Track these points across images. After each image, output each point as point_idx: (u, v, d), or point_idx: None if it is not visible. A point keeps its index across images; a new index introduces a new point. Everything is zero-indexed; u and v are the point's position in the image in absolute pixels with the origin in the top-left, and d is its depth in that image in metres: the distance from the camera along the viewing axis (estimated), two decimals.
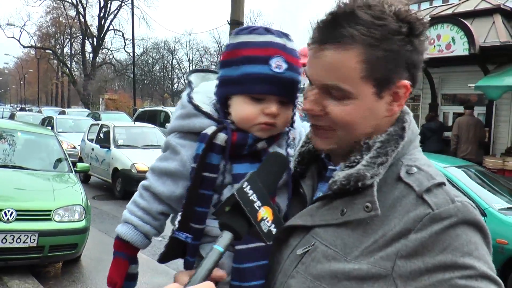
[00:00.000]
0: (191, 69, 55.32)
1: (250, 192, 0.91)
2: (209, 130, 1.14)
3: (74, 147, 14.34)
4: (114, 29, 44.13)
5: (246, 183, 0.92)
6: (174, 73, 58.35)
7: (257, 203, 0.92)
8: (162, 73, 58.15)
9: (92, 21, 45.07)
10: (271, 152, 1.07)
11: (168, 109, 17.78)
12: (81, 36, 44.12)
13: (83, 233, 5.80)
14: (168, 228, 1.26)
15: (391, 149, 1.00)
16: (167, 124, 16.15)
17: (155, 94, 57.67)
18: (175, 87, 58.98)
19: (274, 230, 0.93)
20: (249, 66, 1.12)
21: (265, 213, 0.92)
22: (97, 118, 20.70)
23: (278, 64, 1.11)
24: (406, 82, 0.99)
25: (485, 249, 0.90)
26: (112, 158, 11.26)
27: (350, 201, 0.99)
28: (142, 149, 11.73)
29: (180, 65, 57.81)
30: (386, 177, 0.99)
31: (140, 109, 19.82)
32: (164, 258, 1.23)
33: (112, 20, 43.45)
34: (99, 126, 13.13)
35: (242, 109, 1.15)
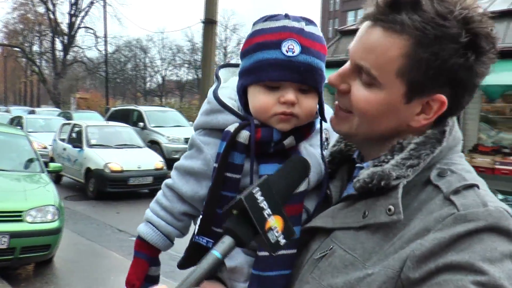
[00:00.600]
0: (163, 67, 55.45)
1: (260, 198, 0.84)
2: (232, 127, 1.07)
3: (45, 147, 14.01)
4: (85, 27, 43.30)
5: (257, 189, 0.84)
6: (146, 71, 57.68)
7: (267, 211, 0.84)
8: (134, 72, 57.40)
9: (63, 19, 44.07)
10: (293, 156, 0.99)
11: (141, 108, 17.54)
12: (51, 34, 43.12)
13: (56, 234, 5.72)
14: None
15: (425, 152, 0.91)
16: (140, 123, 16.12)
17: (128, 93, 56.90)
18: (148, 85, 58.36)
19: (283, 242, 0.85)
20: (261, 53, 1.04)
21: (274, 222, 0.84)
22: (68, 117, 20.30)
23: (290, 48, 1.01)
24: (443, 97, 0.89)
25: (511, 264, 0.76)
26: (84, 158, 11.11)
27: (373, 202, 0.92)
28: (116, 148, 11.61)
29: (153, 64, 57.20)
30: (416, 180, 0.90)
31: (113, 108, 19.54)
32: (183, 264, 1.16)
33: (83, 18, 42.59)
34: (71, 125, 12.92)
35: (257, 99, 1.07)
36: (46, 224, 5.62)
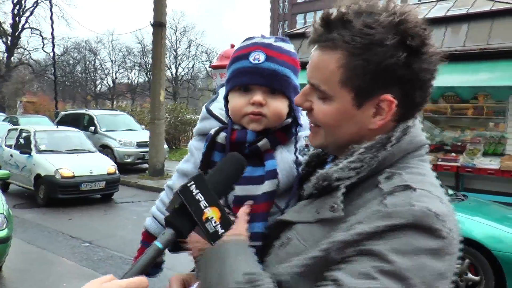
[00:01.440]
0: (114, 70, 54.12)
1: (196, 191, 0.91)
2: (213, 130, 1.25)
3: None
4: (30, 27, 41.74)
5: (191, 182, 0.91)
6: (97, 74, 56.24)
7: (203, 203, 0.91)
8: (84, 74, 55.83)
9: (5, 18, 42.34)
10: (230, 153, 1.07)
11: (92, 112, 17.16)
12: None
13: (5, 243, 5.56)
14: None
15: (369, 156, 0.99)
16: (91, 127, 15.77)
17: (78, 96, 55.27)
18: (98, 88, 56.93)
19: (221, 231, 0.93)
20: (235, 64, 1.24)
21: (211, 213, 0.92)
22: (15, 122, 19.59)
23: (256, 57, 1.19)
24: (390, 97, 0.97)
25: (427, 259, 0.85)
26: (34, 164, 10.78)
27: (323, 200, 1.02)
28: (66, 153, 11.32)
29: (103, 66, 55.85)
30: (369, 183, 0.99)
31: (63, 112, 19.01)
32: (173, 250, 1.28)
33: (28, 18, 41.06)
34: (19, 131, 12.45)
35: (232, 102, 1.23)
36: None
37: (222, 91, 1.37)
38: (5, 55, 41.46)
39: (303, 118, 1.26)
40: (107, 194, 11.20)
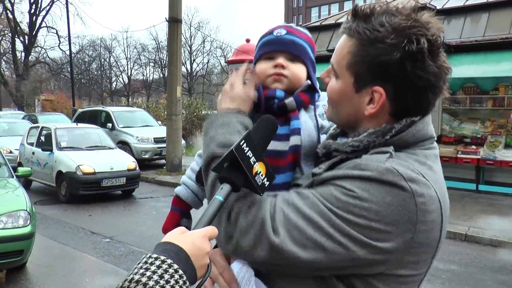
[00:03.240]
0: (129, 67, 54.61)
1: (246, 149, 1.04)
2: None
3: (11, 152, 13.63)
4: (47, 26, 42.18)
5: (243, 141, 1.04)
6: (112, 71, 56.72)
7: (252, 159, 1.05)
8: (99, 72, 56.35)
9: (22, 18, 42.89)
10: (264, 115, 1.21)
11: (109, 109, 17.24)
12: (10, 34, 41.77)
13: (29, 239, 5.66)
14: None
15: (367, 139, 1.11)
16: (108, 124, 15.88)
17: (93, 93, 55.82)
18: (114, 85, 57.41)
19: (267, 183, 1.06)
20: (261, 41, 1.44)
21: (259, 168, 1.05)
22: (33, 120, 19.80)
23: (279, 32, 1.40)
24: (381, 89, 1.08)
25: (379, 205, 0.99)
26: (55, 161, 10.89)
27: (321, 162, 1.19)
28: (87, 150, 11.44)
29: (118, 63, 56.31)
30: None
31: (80, 110, 19.16)
32: (198, 178, 1.45)
33: (44, 17, 41.45)
34: (40, 128, 12.62)
35: (259, 67, 1.41)
36: (18, 229, 5.57)
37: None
38: (23, 54, 42.01)
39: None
40: (128, 190, 11.31)
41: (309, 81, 1.41)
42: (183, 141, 15.22)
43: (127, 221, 9.03)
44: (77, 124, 13.96)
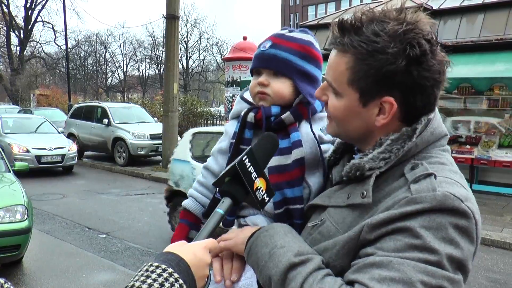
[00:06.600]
0: (124, 62, 54.47)
1: (248, 164, 1.06)
2: (243, 112, 1.42)
3: (27, 151, 12.87)
4: (42, 21, 41.88)
5: (245, 156, 1.06)
6: (107, 67, 56.49)
7: (254, 174, 1.07)
8: (95, 67, 56.09)
9: (18, 12, 42.56)
10: (265, 133, 1.22)
11: (105, 105, 17.09)
12: (5, 28, 41.46)
13: (26, 234, 5.67)
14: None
15: (396, 147, 1.08)
16: (104, 120, 15.80)
17: (89, 89, 55.58)
18: (109, 81, 57.18)
19: (267, 199, 1.09)
20: (256, 51, 1.43)
21: (260, 183, 1.08)
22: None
23: (264, 45, 1.39)
24: (391, 99, 1.06)
25: (455, 235, 0.94)
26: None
27: (354, 187, 1.12)
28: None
29: (114, 59, 56.05)
30: (395, 171, 1.08)
31: (76, 105, 18.98)
32: (207, 213, 1.44)
33: (40, 11, 41.14)
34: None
35: (251, 84, 1.43)
36: (15, 224, 5.58)
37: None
38: (18, 48, 41.71)
39: None
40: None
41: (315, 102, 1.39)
42: (179, 138, 15.20)
43: (123, 217, 9.04)
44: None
